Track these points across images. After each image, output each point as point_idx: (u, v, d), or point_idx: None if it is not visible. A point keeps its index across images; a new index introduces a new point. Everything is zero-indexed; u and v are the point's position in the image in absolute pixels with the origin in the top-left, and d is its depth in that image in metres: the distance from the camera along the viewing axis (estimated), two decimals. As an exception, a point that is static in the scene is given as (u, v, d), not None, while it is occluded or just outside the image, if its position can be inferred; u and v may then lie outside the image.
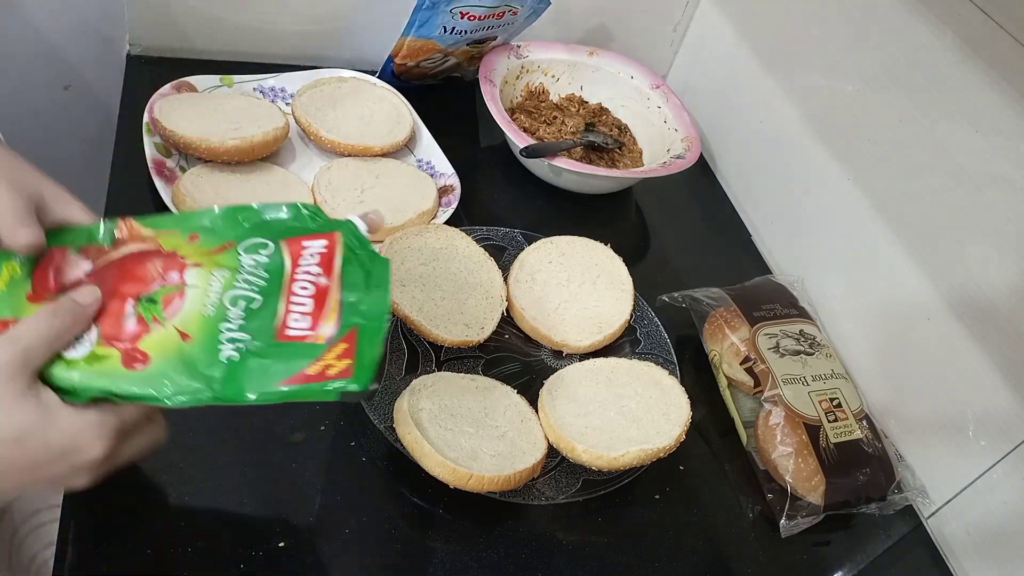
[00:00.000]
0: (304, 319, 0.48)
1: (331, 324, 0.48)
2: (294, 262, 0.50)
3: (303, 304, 0.49)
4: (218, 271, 0.49)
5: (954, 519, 0.74)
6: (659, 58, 1.20)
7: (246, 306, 0.48)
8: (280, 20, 1.00)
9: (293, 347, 0.47)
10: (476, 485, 0.60)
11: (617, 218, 1.01)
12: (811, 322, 0.83)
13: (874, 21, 0.84)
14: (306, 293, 0.49)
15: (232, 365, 0.46)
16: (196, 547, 0.57)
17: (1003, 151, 0.70)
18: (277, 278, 0.49)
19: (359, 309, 0.49)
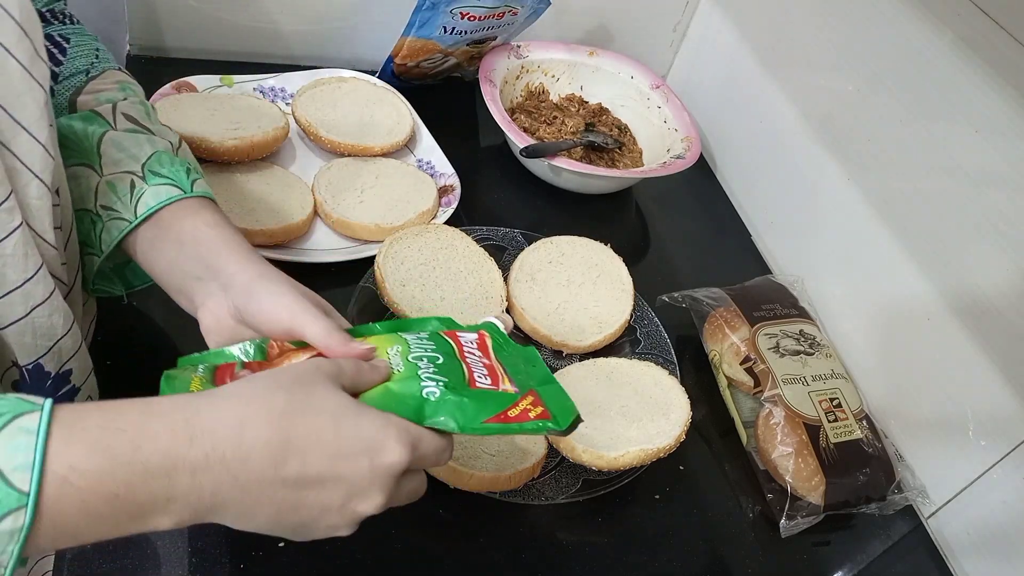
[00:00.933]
0: (486, 380, 0.51)
1: (511, 386, 0.51)
2: (456, 344, 0.53)
3: (480, 370, 0.51)
4: (391, 347, 0.51)
5: (954, 519, 0.74)
6: (659, 58, 1.20)
7: (431, 361, 0.50)
8: (280, 20, 1.00)
9: (488, 394, 0.49)
10: (476, 485, 0.60)
11: (617, 218, 1.01)
12: (811, 322, 0.83)
13: (874, 21, 0.84)
14: (479, 363, 0.52)
15: (435, 402, 0.47)
16: (196, 547, 0.57)
17: (1003, 151, 0.70)
18: (447, 347, 0.52)
19: (529, 381, 0.53)
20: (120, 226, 0.53)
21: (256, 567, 0.57)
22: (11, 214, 0.44)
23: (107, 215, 0.54)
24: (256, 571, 0.57)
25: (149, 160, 0.54)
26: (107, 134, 0.55)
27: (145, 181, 0.54)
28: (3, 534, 0.34)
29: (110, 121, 0.55)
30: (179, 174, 0.55)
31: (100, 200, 0.54)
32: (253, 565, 0.57)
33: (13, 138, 0.44)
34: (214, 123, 0.82)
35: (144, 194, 0.53)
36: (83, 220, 0.55)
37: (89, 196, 0.54)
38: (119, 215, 0.54)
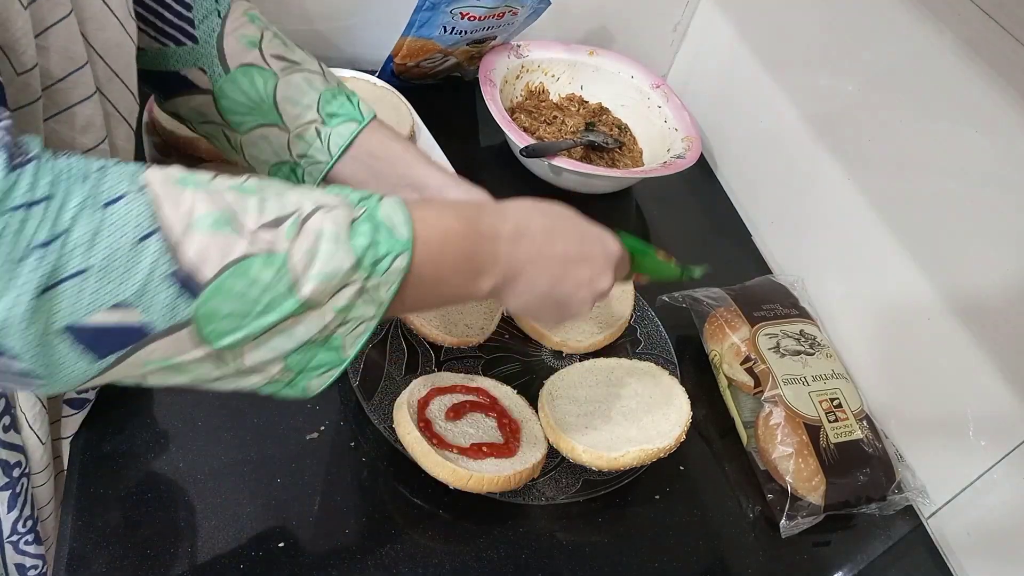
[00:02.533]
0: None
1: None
2: None
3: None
4: None
5: (954, 519, 0.74)
6: (659, 58, 1.20)
7: None
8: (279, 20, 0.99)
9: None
10: (476, 486, 0.60)
11: (617, 218, 1.01)
12: (811, 322, 0.83)
13: (874, 21, 0.84)
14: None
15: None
16: (196, 547, 0.57)
17: (1003, 151, 0.70)
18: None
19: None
20: (320, 168, 0.62)
21: (256, 567, 0.57)
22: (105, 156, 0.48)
23: (305, 161, 0.62)
24: (256, 571, 0.57)
25: (319, 104, 0.62)
26: (277, 89, 0.61)
27: (327, 124, 0.62)
28: (394, 271, 0.43)
29: (268, 69, 0.61)
30: (348, 106, 0.63)
31: (295, 151, 0.62)
32: (253, 565, 0.57)
33: (108, 84, 0.50)
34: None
35: (331, 136, 0.62)
36: (281, 170, 0.64)
37: (283, 150, 0.62)
38: (315, 160, 0.62)
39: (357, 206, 0.44)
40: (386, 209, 0.44)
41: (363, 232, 0.42)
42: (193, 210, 0.38)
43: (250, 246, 0.39)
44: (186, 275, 0.37)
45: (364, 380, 0.68)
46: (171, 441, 0.62)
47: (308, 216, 0.41)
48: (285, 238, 0.40)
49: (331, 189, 0.45)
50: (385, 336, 0.73)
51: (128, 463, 0.60)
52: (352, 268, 0.42)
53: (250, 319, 0.40)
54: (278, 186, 0.42)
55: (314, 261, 0.40)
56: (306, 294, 0.40)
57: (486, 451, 0.62)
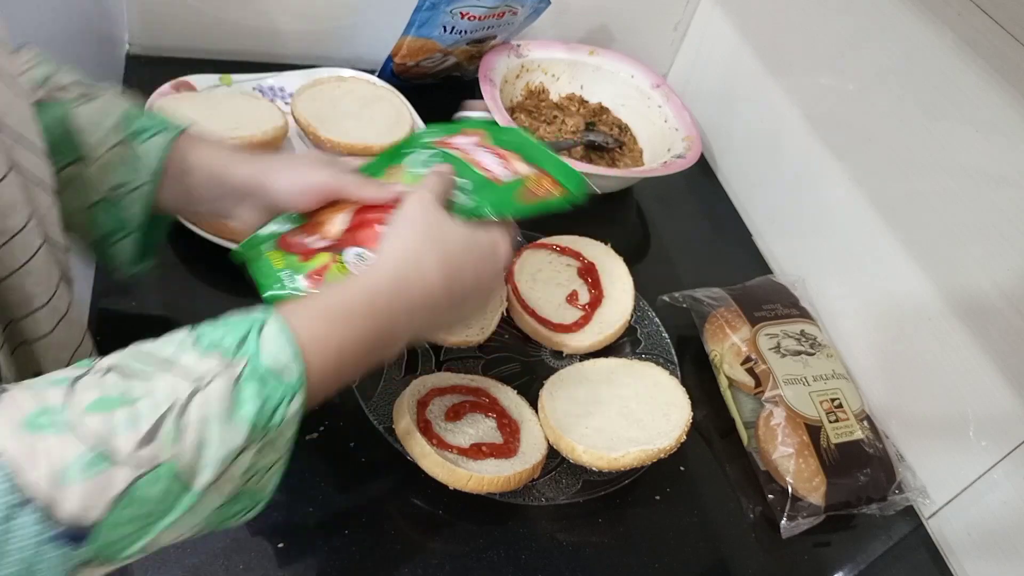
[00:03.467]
0: (502, 168, 0.61)
1: (524, 165, 0.62)
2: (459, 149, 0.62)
3: (491, 162, 0.61)
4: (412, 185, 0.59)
5: (955, 519, 0.74)
6: (659, 57, 1.20)
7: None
8: (280, 20, 1.00)
9: (509, 185, 0.60)
10: (475, 486, 0.60)
11: (617, 218, 1.01)
12: (812, 322, 0.83)
13: (874, 21, 0.84)
14: (488, 157, 0.62)
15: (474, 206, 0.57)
16: (196, 547, 0.57)
17: (1003, 151, 0.70)
18: (456, 160, 0.61)
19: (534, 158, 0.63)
20: (143, 192, 0.56)
21: (256, 567, 0.57)
22: (34, 233, 0.44)
23: (122, 191, 0.55)
24: (256, 571, 0.57)
25: (123, 123, 0.55)
26: (72, 118, 0.54)
27: (136, 141, 0.55)
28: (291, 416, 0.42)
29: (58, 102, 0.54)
30: (155, 119, 0.57)
31: (107, 184, 0.55)
32: (253, 565, 0.57)
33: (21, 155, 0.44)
34: (213, 123, 0.82)
35: (144, 153, 0.55)
36: (98, 212, 0.56)
37: (93, 187, 0.55)
38: (131, 186, 0.55)
39: (236, 358, 0.40)
40: (269, 349, 0.41)
41: (249, 396, 0.40)
42: (60, 460, 0.34)
43: (132, 471, 0.36)
44: (69, 530, 0.34)
45: (364, 380, 0.68)
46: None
47: (186, 405, 0.38)
48: (168, 446, 0.37)
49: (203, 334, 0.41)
50: (385, 336, 0.73)
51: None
52: (246, 439, 0.39)
53: (149, 527, 0.38)
54: (141, 366, 0.39)
55: (204, 451, 0.38)
56: (203, 484, 0.38)
57: (486, 451, 0.62)
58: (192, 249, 0.73)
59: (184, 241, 0.74)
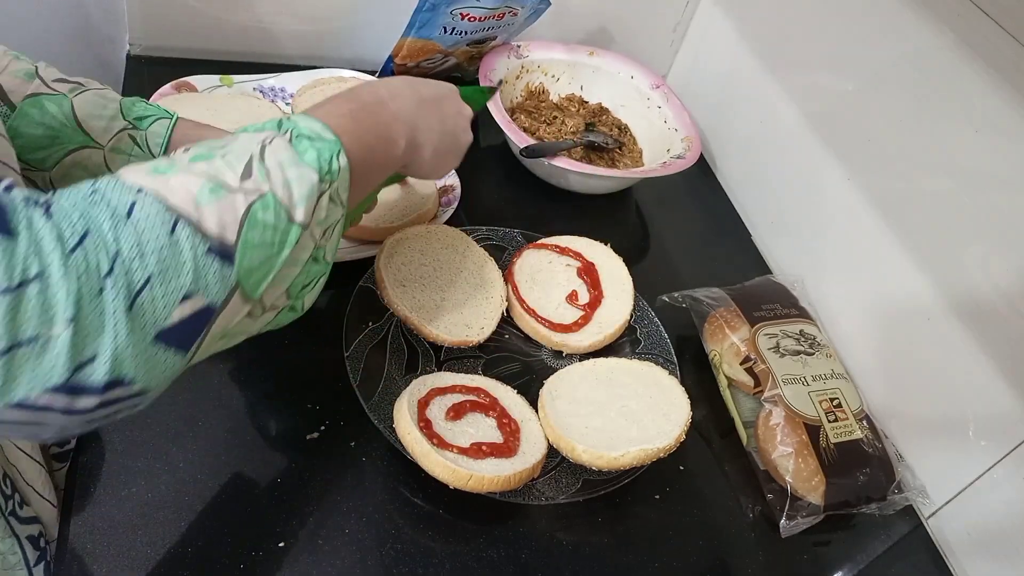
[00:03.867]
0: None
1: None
2: None
3: None
4: None
5: (954, 519, 0.74)
6: (659, 58, 1.20)
7: None
8: (280, 20, 1.00)
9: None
10: (476, 485, 0.60)
11: (617, 218, 1.01)
12: (811, 322, 0.83)
13: (874, 21, 0.84)
14: None
15: None
16: (196, 547, 0.57)
17: (1003, 151, 0.70)
18: None
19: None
20: None
21: (256, 567, 0.57)
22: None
23: None
24: (256, 571, 0.57)
25: (123, 112, 0.61)
26: (75, 108, 0.59)
27: (139, 128, 0.62)
28: (344, 169, 0.48)
29: (57, 93, 0.59)
30: (151, 108, 0.63)
31: (115, 166, 0.60)
32: (253, 565, 0.57)
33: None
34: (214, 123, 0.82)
35: (148, 137, 0.62)
36: None
37: (101, 169, 0.60)
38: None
39: (282, 131, 0.47)
40: (302, 122, 0.48)
41: (305, 148, 0.47)
42: (190, 189, 0.40)
43: (246, 198, 0.42)
44: (219, 245, 0.40)
45: (364, 380, 0.68)
46: (171, 441, 0.62)
47: (262, 156, 0.44)
48: (263, 180, 0.43)
49: (243, 128, 0.48)
50: (385, 336, 0.73)
51: (128, 463, 0.60)
52: (319, 180, 0.46)
53: (273, 260, 0.43)
54: (213, 143, 0.45)
55: (292, 188, 0.44)
56: (301, 218, 0.44)
57: (486, 451, 0.62)
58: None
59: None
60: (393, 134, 0.57)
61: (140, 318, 0.37)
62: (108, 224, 0.36)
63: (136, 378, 0.37)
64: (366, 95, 0.56)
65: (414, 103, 0.60)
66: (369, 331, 0.73)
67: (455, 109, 0.65)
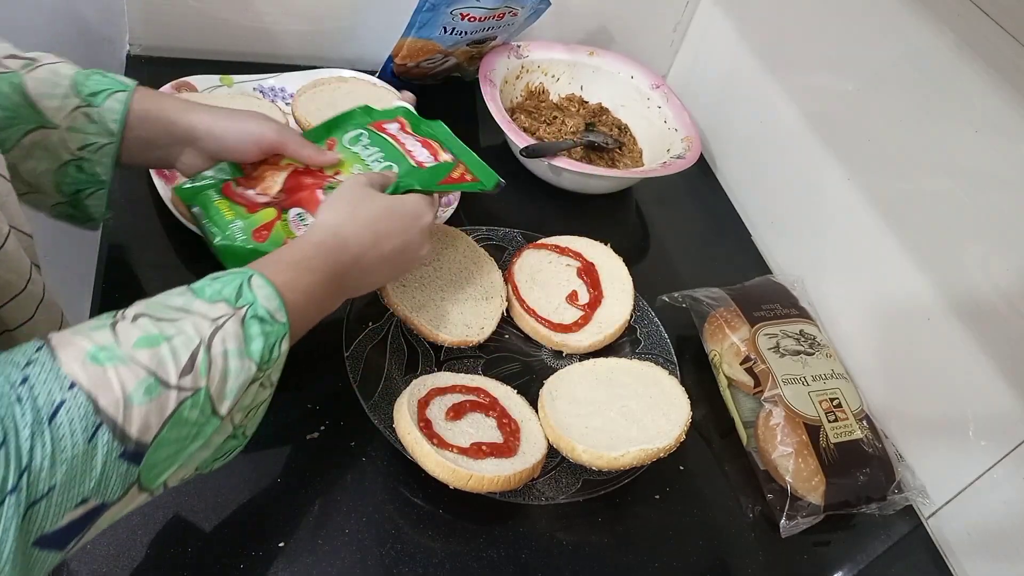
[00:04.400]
0: (427, 155, 0.72)
1: (446, 154, 0.73)
2: (389, 135, 0.73)
3: (418, 149, 0.72)
4: (354, 166, 0.70)
5: (954, 519, 0.74)
6: (659, 58, 1.20)
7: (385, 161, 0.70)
8: (280, 20, 1.00)
9: (432, 168, 0.70)
10: (476, 485, 0.60)
11: (617, 218, 1.01)
12: (811, 322, 0.83)
13: (874, 21, 0.84)
14: (415, 145, 0.72)
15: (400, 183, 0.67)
16: (196, 547, 0.57)
17: (1003, 151, 0.70)
18: (388, 145, 0.72)
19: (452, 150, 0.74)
20: (107, 151, 0.60)
21: (256, 567, 0.57)
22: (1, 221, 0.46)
23: (88, 151, 0.60)
24: (256, 571, 0.57)
25: (76, 87, 0.59)
26: (26, 86, 0.56)
27: (95, 105, 0.59)
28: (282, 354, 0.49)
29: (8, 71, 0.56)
30: (106, 80, 0.60)
31: (73, 145, 0.59)
32: (253, 565, 0.57)
33: None
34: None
35: (104, 113, 0.59)
36: (67, 173, 0.60)
37: (61, 150, 0.59)
38: (97, 145, 0.60)
39: (239, 305, 0.47)
40: (261, 296, 0.48)
41: (255, 335, 0.46)
42: (123, 387, 0.39)
43: (179, 395, 0.42)
44: (133, 448, 0.40)
45: (364, 380, 0.68)
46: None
47: (210, 341, 0.44)
48: (203, 375, 0.43)
49: (203, 288, 0.47)
50: (385, 336, 0.73)
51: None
52: (256, 371, 0.46)
53: (181, 452, 0.43)
54: (164, 313, 0.44)
55: (227, 380, 0.44)
56: (224, 410, 0.45)
57: (486, 451, 0.62)
58: (193, 250, 0.73)
59: (185, 242, 0.74)
60: (338, 301, 0.58)
61: (28, 525, 0.36)
62: (27, 432, 0.35)
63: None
64: (334, 262, 0.56)
65: (374, 263, 0.60)
66: (369, 331, 0.73)
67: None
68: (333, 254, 0.57)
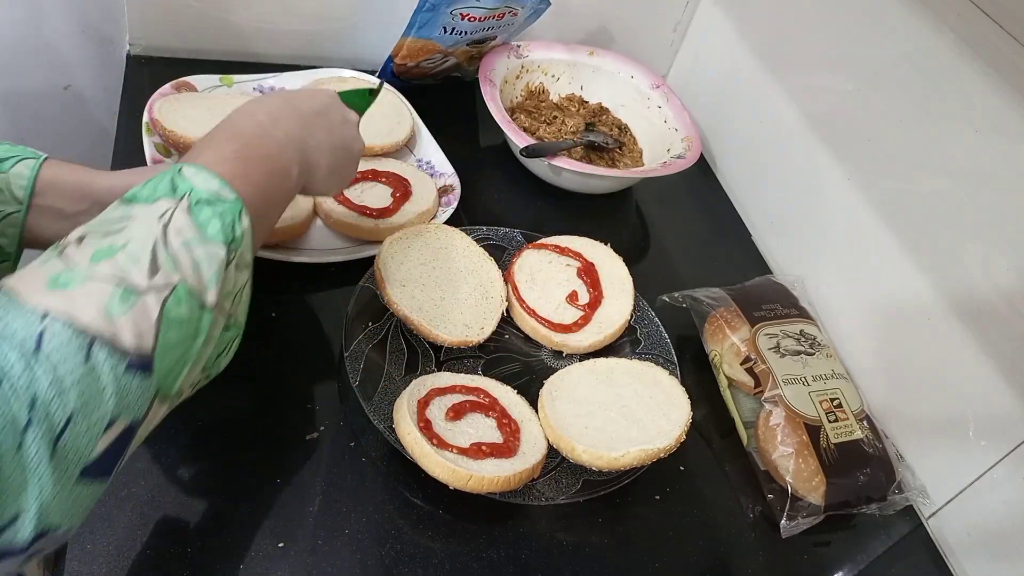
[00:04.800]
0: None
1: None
2: None
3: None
4: None
5: (954, 519, 0.74)
6: (659, 58, 1.20)
7: None
8: (280, 20, 1.00)
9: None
10: (476, 486, 0.60)
11: (617, 218, 1.01)
12: (811, 322, 0.83)
13: (874, 21, 0.84)
14: None
15: None
16: (196, 547, 0.57)
17: (1003, 151, 0.70)
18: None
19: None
20: (15, 219, 0.57)
21: (256, 567, 0.57)
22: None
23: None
24: (256, 571, 0.57)
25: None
26: None
27: (2, 171, 0.56)
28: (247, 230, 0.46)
29: None
30: (16, 148, 0.58)
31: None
32: (253, 565, 0.57)
33: None
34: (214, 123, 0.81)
35: (10, 180, 0.56)
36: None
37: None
38: (3, 211, 0.57)
39: (177, 197, 0.44)
40: (198, 181, 0.45)
41: (207, 217, 0.44)
42: (98, 301, 0.38)
43: (158, 295, 0.40)
44: (137, 359, 0.38)
45: (364, 380, 0.68)
46: (171, 441, 0.62)
47: (165, 239, 0.42)
48: (172, 270, 0.41)
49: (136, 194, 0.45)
50: (385, 336, 0.73)
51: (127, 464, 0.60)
52: (226, 252, 0.44)
53: (189, 352, 0.42)
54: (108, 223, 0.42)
55: (201, 271, 0.43)
56: (212, 300, 0.43)
57: (486, 451, 0.62)
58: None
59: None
60: (284, 163, 0.54)
61: (64, 461, 0.35)
62: (19, 365, 0.34)
63: (63, 523, 0.36)
64: (246, 126, 0.53)
65: (297, 122, 0.57)
66: (369, 331, 0.73)
67: (340, 117, 0.62)
68: (243, 122, 0.54)
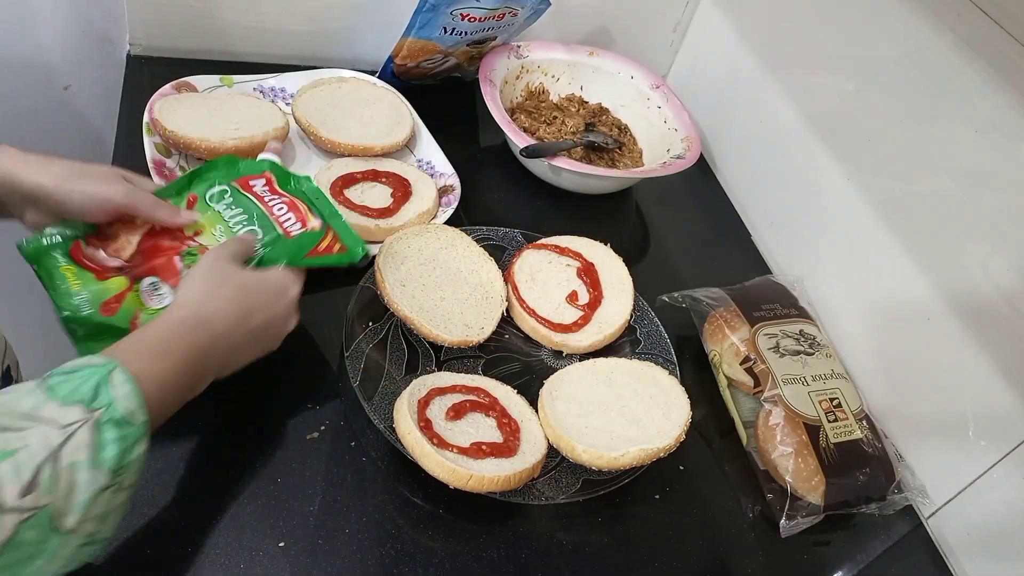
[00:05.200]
0: (295, 222, 0.68)
1: (315, 219, 0.69)
2: (254, 195, 0.69)
3: (287, 215, 0.68)
4: (216, 228, 0.67)
5: (954, 519, 0.74)
6: (659, 58, 1.20)
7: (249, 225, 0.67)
8: (280, 20, 1.00)
9: (299, 238, 0.67)
10: (476, 485, 0.60)
11: (617, 218, 1.01)
12: (811, 322, 0.83)
13: (874, 21, 0.84)
14: (282, 208, 0.69)
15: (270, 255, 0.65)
16: (196, 547, 0.57)
17: (1003, 151, 0.70)
18: (253, 207, 0.68)
19: (323, 214, 0.70)
20: None
21: (256, 567, 0.57)
22: None
23: None
24: (256, 571, 0.57)
25: None
26: None
27: None
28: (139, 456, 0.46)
29: None
30: None
31: None
32: (253, 565, 0.57)
33: None
34: (214, 123, 0.82)
35: None
36: None
37: None
38: None
39: (93, 407, 0.44)
40: (120, 395, 0.45)
41: (110, 440, 0.44)
42: None
43: (16, 518, 0.39)
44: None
45: (364, 380, 0.68)
46: (171, 441, 0.62)
47: (58, 456, 0.41)
48: (46, 493, 0.40)
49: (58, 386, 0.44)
50: (385, 336, 0.74)
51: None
52: (108, 480, 0.43)
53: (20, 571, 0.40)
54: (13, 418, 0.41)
55: (73, 495, 0.41)
56: (70, 526, 0.41)
57: (486, 451, 0.62)
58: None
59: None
60: (202, 383, 0.55)
61: None
62: None
63: None
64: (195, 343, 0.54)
65: (239, 341, 0.58)
66: (369, 331, 0.73)
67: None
68: (196, 334, 0.54)
